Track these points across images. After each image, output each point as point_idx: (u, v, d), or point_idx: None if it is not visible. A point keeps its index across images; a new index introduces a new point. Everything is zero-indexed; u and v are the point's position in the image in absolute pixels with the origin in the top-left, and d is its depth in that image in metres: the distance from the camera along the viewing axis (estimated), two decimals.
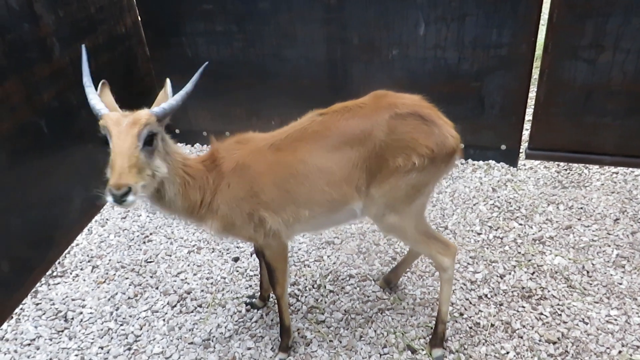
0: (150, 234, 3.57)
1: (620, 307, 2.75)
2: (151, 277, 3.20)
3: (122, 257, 3.37)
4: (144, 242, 3.49)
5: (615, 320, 2.68)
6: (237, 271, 3.20)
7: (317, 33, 3.98)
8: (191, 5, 4.10)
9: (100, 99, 2.10)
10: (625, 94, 3.60)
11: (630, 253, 3.08)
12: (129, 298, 3.06)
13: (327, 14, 3.88)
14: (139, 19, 4.26)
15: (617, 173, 3.84)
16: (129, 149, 1.88)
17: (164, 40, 4.31)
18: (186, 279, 3.17)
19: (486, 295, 2.88)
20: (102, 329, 2.86)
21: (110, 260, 3.36)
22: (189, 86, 2.22)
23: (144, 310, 2.96)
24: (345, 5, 3.82)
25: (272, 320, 2.84)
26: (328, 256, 3.26)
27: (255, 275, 3.15)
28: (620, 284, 2.89)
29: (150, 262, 3.32)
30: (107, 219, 3.76)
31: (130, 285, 3.14)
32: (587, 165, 3.95)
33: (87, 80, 2.13)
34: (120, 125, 1.94)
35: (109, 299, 3.05)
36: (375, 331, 2.73)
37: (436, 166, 2.20)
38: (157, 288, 3.11)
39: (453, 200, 3.69)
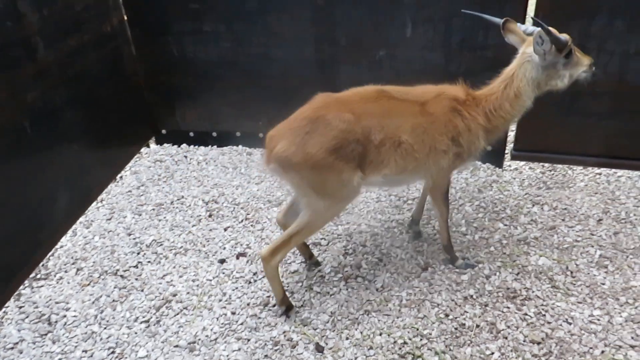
0: (136, 235, 3.55)
1: (603, 307, 2.78)
2: (136, 279, 3.18)
3: (106, 260, 3.34)
4: (129, 244, 3.47)
5: (598, 320, 2.71)
6: (224, 273, 3.19)
7: (305, 33, 3.98)
8: (178, 4, 4.07)
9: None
10: (609, 95, 3.64)
11: (613, 253, 3.12)
12: (113, 301, 3.03)
13: (316, 14, 3.88)
14: (125, 18, 4.22)
15: (600, 174, 3.88)
16: None
17: (151, 39, 4.28)
18: (172, 281, 3.15)
19: (472, 296, 2.90)
20: (86, 333, 2.83)
21: (94, 262, 3.33)
22: None
23: (129, 313, 2.94)
24: (333, 6, 3.82)
25: (256, 323, 2.83)
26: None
27: (241, 277, 3.15)
28: (603, 284, 2.93)
29: (136, 264, 3.29)
30: (91, 221, 3.72)
31: (114, 288, 3.12)
32: (571, 166, 3.99)
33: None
34: None
35: (93, 302, 3.03)
36: (361, 333, 2.73)
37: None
38: (142, 291, 3.09)
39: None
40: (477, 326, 2.73)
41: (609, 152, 3.86)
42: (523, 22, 3.58)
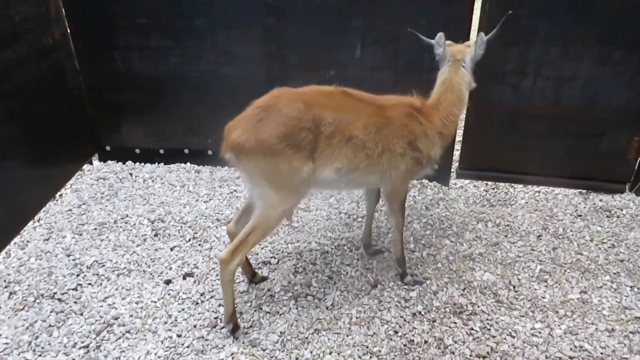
0: (76, 256, 3.38)
1: (544, 320, 2.88)
2: (75, 302, 3.01)
3: (43, 282, 3.16)
4: (68, 266, 3.30)
5: (539, 332, 2.81)
6: (169, 294, 3.08)
7: (255, 52, 3.98)
8: (125, 18, 3.99)
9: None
10: (546, 117, 3.85)
11: (552, 268, 3.25)
12: (49, 326, 2.86)
13: (266, 33, 3.90)
14: (68, 30, 4.09)
15: (539, 192, 4.07)
16: None
17: (96, 53, 4.15)
18: (114, 304, 3.01)
19: (420, 312, 2.94)
20: None
21: (29, 285, 3.14)
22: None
23: (67, 339, 2.78)
24: (283, 26, 3.85)
25: (203, 346, 2.75)
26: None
27: (188, 298, 3.05)
28: (544, 297, 3.04)
29: (75, 286, 3.13)
30: (27, 241, 3.52)
31: (51, 312, 2.94)
32: (513, 184, 4.16)
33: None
34: None
35: (27, 328, 2.84)
36: (311, 352, 2.70)
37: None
38: (81, 314, 2.93)
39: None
40: (426, 342, 2.76)
41: (547, 171, 4.06)
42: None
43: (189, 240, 3.55)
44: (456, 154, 4.26)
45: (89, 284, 3.16)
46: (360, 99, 2.77)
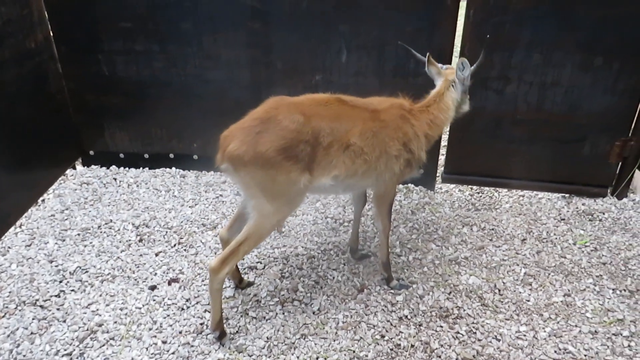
0: (59, 262, 3.33)
1: (529, 323, 2.91)
2: (58, 309, 2.96)
3: (24, 289, 3.10)
4: (51, 272, 3.24)
5: (524, 335, 2.83)
6: (154, 300, 3.05)
7: (241, 56, 3.97)
8: (109, 22, 3.96)
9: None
10: (529, 122, 3.90)
11: (536, 271, 3.29)
12: (31, 333, 2.81)
13: (252, 38, 3.89)
14: (51, 34, 4.04)
15: (523, 196, 4.12)
16: None
17: (79, 57, 4.11)
18: (97, 310, 2.97)
19: (406, 317, 2.94)
20: None
21: (10, 292, 3.08)
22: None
23: (49, 347, 2.73)
24: (269, 31, 3.86)
25: (189, 352, 2.72)
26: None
27: (173, 304, 3.02)
28: (528, 300, 3.07)
29: (57, 293, 3.08)
30: (8, 247, 3.46)
31: (33, 319, 2.89)
32: (497, 188, 4.20)
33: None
34: None
35: (8, 336, 2.79)
36: (298, 357, 2.69)
37: None
38: (64, 321, 2.89)
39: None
40: (412, 346, 2.77)
41: (531, 175, 4.11)
42: (451, 51, 3.79)
43: (174, 245, 3.52)
44: (441, 158, 4.29)
45: (72, 290, 3.12)
46: (355, 106, 2.80)
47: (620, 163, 3.97)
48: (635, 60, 3.58)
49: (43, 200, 4.03)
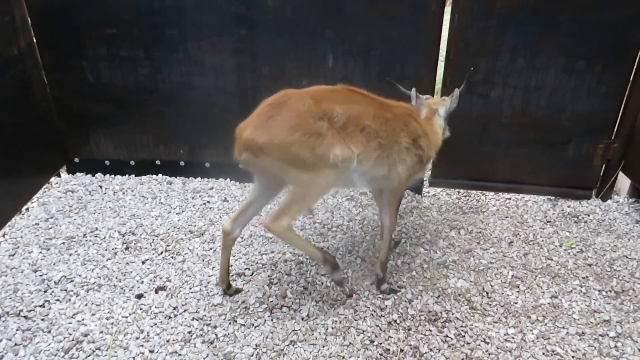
0: (43, 272, 3.28)
1: (517, 326, 2.92)
2: (42, 320, 2.92)
3: (8, 299, 3.05)
4: (35, 282, 3.19)
5: (513, 338, 2.84)
6: (141, 309, 3.01)
7: (227, 62, 3.96)
8: (93, 28, 3.92)
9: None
10: (514, 126, 3.93)
11: (524, 274, 3.31)
12: (15, 345, 2.76)
13: (238, 43, 3.88)
14: (34, 40, 4.00)
15: (510, 199, 4.15)
16: None
17: (63, 63, 4.07)
18: (83, 320, 2.93)
19: (395, 321, 2.94)
20: None
21: None
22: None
23: (33, 358, 2.68)
24: (255, 36, 3.85)
25: None
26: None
27: (160, 312, 2.99)
28: (516, 303, 3.08)
29: (42, 303, 3.03)
30: None
31: (17, 330, 2.84)
32: (484, 192, 4.23)
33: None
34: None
35: None
36: None
37: None
38: (49, 332, 2.84)
39: (363, 227, 3.77)
40: (402, 351, 2.76)
41: (517, 179, 4.14)
42: (437, 56, 3.82)
43: (161, 253, 3.49)
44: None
45: (57, 300, 3.07)
46: (365, 95, 2.86)
47: (604, 165, 4.02)
48: (617, 63, 3.63)
49: (27, 209, 3.97)
